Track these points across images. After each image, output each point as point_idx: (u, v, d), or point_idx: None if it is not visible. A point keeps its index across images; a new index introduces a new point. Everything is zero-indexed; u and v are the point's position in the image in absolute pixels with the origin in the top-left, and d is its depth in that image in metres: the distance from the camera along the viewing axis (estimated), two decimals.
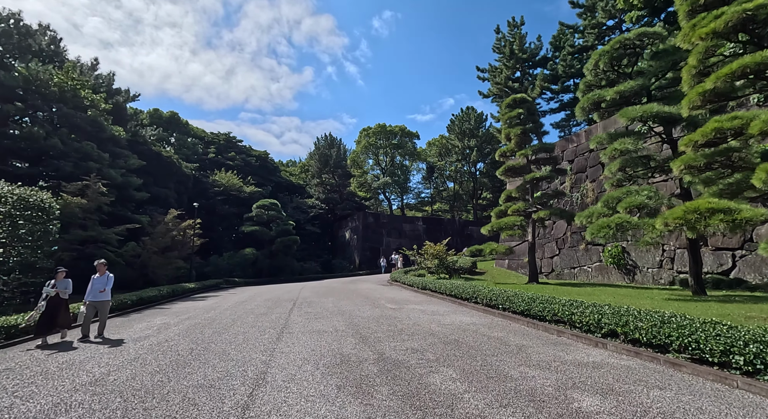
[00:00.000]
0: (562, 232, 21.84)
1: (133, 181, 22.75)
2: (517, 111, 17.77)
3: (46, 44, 24.31)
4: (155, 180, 28.64)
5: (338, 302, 13.25)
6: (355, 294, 15.91)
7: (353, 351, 6.23)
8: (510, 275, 22.82)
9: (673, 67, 11.24)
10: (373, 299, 14.06)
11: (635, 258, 17.42)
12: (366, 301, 13.35)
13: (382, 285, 20.87)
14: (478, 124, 51.20)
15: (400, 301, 13.35)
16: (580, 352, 5.97)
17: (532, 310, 8.59)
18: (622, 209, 11.43)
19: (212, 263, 31.06)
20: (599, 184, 20.29)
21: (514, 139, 17.81)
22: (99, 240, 17.14)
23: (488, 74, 33.46)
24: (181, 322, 9.98)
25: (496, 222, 17.38)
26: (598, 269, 19.25)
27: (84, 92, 21.22)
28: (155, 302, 14.69)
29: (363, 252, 42.23)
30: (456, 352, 6.04)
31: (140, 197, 23.62)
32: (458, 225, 48.30)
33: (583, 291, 13.07)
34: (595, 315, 6.81)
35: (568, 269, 21.08)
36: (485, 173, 54.11)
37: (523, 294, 9.84)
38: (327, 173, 48.99)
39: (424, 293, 15.95)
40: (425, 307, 11.67)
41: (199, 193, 36.07)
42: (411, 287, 18.39)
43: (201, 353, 6.37)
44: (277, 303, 13.55)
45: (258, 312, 11.17)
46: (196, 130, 46.00)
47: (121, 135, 23.07)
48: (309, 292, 17.50)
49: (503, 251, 16.85)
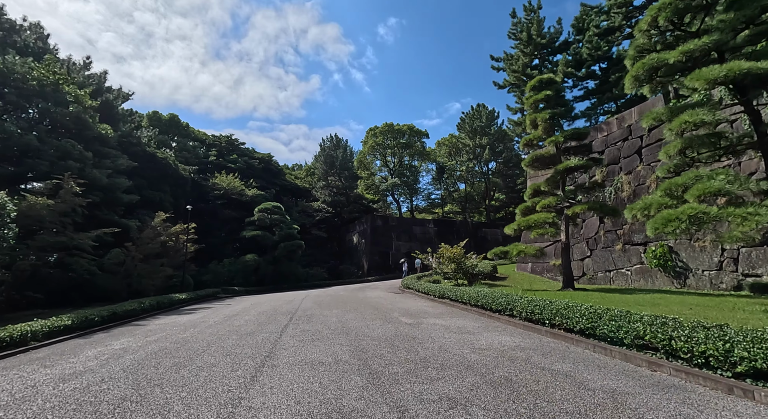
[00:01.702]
0: (593, 231, 19.53)
1: (121, 183, 20.91)
2: (543, 93, 15.63)
3: (32, 41, 22.90)
4: (149, 183, 26.95)
5: (343, 315, 11.17)
6: (363, 305, 13.82)
7: (359, 403, 4.13)
8: (535, 280, 20.52)
9: (754, 19, 9.03)
10: (384, 311, 11.96)
11: (686, 258, 15.05)
12: (376, 314, 11.26)
13: (394, 293, 18.74)
14: (489, 121, 49.02)
15: (417, 313, 11.23)
16: (720, 410, 3.78)
17: (599, 329, 6.41)
18: (692, 198, 9.16)
19: (211, 270, 29.22)
20: (637, 175, 17.98)
21: (541, 125, 15.66)
22: (70, 246, 15.27)
23: (503, 63, 31.21)
24: (145, 346, 7.97)
25: (523, 220, 15.18)
26: (639, 272, 16.89)
27: (68, 87, 19.54)
28: (133, 317, 12.75)
29: (372, 256, 40.12)
30: (517, 407, 3.90)
31: (129, 200, 21.77)
32: (471, 227, 45.98)
33: (640, 299, 10.79)
34: (716, 342, 4.61)
35: (603, 272, 18.74)
36: (498, 172, 51.78)
37: (578, 306, 7.65)
38: (333, 175, 47.09)
39: (443, 303, 13.79)
40: (448, 322, 9.53)
41: (199, 197, 34.35)
42: (426, 295, 16.24)
43: (127, 412, 4.31)
44: (272, 317, 11.51)
45: (244, 331, 9.13)
46: (197, 133, 44.47)
47: (108, 133, 21.33)
48: (311, 302, 15.45)
49: (533, 253, 14.63)
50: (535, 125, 16.20)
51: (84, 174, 17.88)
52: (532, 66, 28.75)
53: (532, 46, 28.40)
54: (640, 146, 18.14)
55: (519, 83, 29.19)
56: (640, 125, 18.49)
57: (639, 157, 18.14)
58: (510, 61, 29.35)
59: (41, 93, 18.19)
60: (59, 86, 18.97)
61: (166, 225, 20.99)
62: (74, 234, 15.15)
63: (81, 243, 15.29)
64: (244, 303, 17.63)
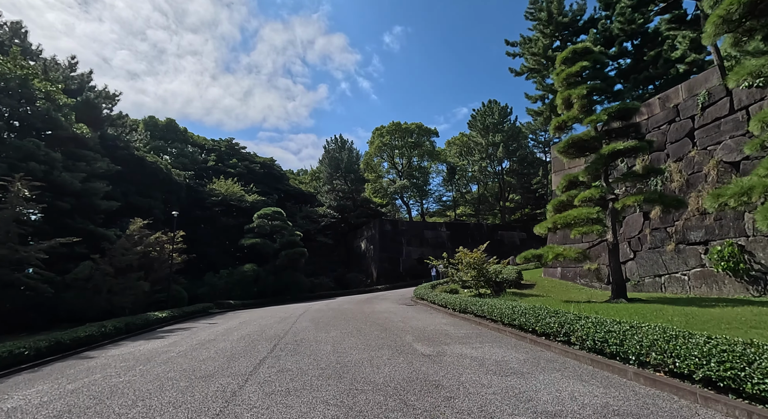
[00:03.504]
0: (636, 229, 16.77)
1: (97, 187, 18.75)
2: (579, 65, 13.10)
3: (8, 38, 21.21)
4: (138, 189, 24.92)
5: (342, 341, 8.70)
6: (369, 323, 11.34)
7: None
8: (569, 288, 17.77)
9: None
10: (394, 332, 9.46)
11: (765, 260, 12.24)
12: (384, 338, 8.77)
13: (405, 306, 16.21)
14: (502, 118, 46.41)
15: (435, 336, 8.72)
16: None
17: (756, 384, 3.83)
18: None
19: (207, 282, 26.99)
20: (689, 162, 15.23)
21: (576, 103, 13.11)
22: (13, 260, 13.04)
23: (520, 48, 28.49)
24: (48, 404, 5.60)
25: (559, 217, 12.56)
26: (700, 276, 14.09)
27: (37, 82, 17.59)
28: (88, 346, 10.42)
29: (381, 263, 37.57)
30: None
31: (108, 207, 19.61)
32: (486, 230, 43.19)
33: (736, 314, 8.06)
34: None
35: (650, 277, 15.95)
36: (512, 172, 49.00)
37: (687, 335, 5.07)
38: (338, 178, 44.76)
39: (465, 319, 11.24)
40: (481, 351, 7.01)
41: (194, 204, 32.28)
42: (444, 308, 13.69)
43: None
44: (251, 345, 9.09)
45: (203, 371, 6.72)
46: (197, 138, 42.63)
47: (85, 133, 19.24)
48: (307, 321, 13.01)
49: (574, 256, 11.98)
50: (569, 104, 13.65)
51: (51, 177, 15.76)
52: (554, 48, 26.09)
53: (552, 27, 25.58)
54: (692, 128, 15.42)
55: (539, 68, 26.45)
56: (690, 104, 15.79)
57: (691, 141, 15.41)
58: (528, 44, 26.65)
59: (6, 88, 16.22)
60: (28, 81, 17.04)
61: (145, 233, 18.76)
62: (20, 246, 12.89)
63: (25, 257, 12.98)
64: (233, 321, 15.26)
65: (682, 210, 15.48)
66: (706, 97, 15.12)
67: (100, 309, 14.91)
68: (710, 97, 15.05)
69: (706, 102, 15.07)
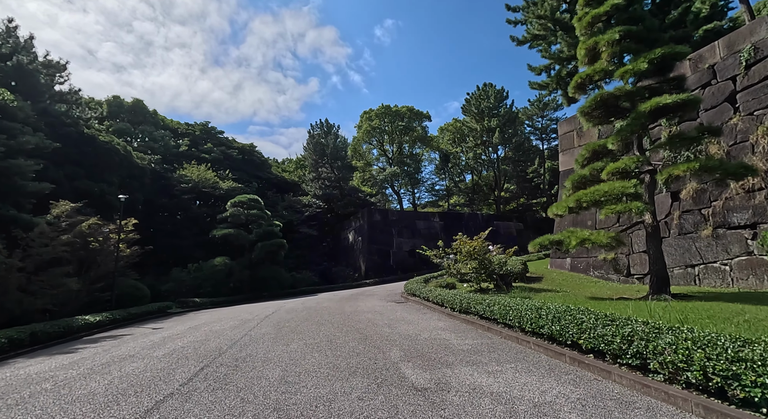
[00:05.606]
0: (664, 212, 14.39)
1: (21, 165, 15.58)
2: (609, 4, 10.48)
3: None
4: (88, 172, 21.79)
5: (300, 361, 6.10)
6: (346, 329, 8.74)
7: None
8: (582, 281, 15.35)
9: None
10: (376, 345, 6.88)
11: None
12: (361, 354, 6.19)
13: (394, 304, 13.63)
14: (498, 102, 43.86)
15: (432, 351, 6.15)
16: None
17: None
18: None
19: (174, 278, 24.09)
20: (731, 131, 12.80)
21: (605, 52, 10.54)
22: None
23: (523, 13, 25.63)
24: None
25: (584, 193, 10.04)
26: (747, 266, 11.72)
27: None
28: None
29: (370, 256, 34.96)
30: None
31: (38, 190, 16.40)
32: (481, 220, 40.80)
33: None
34: None
35: (681, 268, 13.62)
36: (508, 159, 46.62)
37: None
38: (324, 166, 41.78)
39: (468, 322, 8.71)
40: (503, 382, 4.43)
41: (162, 191, 29.15)
42: (440, 307, 11.16)
43: None
44: (169, 369, 6.42)
45: None
46: (169, 122, 39.18)
47: (7, 101, 15.98)
48: (271, 325, 10.35)
49: (605, 243, 9.44)
50: (595, 56, 11.06)
51: None
52: (563, 10, 23.40)
53: None
54: (733, 91, 12.99)
55: (545, 33, 23.68)
56: (730, 63, 13.30)
57: (731, 106, 12.98)
58: (533, 7, 23.88)
59: None
60: None
61: (77, 220, 15.74)
62: None
63: None
64: (183, 325, 12.53)
65: (722, 188, 13.15)
66: (751, 53, 12.66)
67: (7, 314, 11.85)
68: (756, 52, 12.59)
69: (752, 58, 12.62)
